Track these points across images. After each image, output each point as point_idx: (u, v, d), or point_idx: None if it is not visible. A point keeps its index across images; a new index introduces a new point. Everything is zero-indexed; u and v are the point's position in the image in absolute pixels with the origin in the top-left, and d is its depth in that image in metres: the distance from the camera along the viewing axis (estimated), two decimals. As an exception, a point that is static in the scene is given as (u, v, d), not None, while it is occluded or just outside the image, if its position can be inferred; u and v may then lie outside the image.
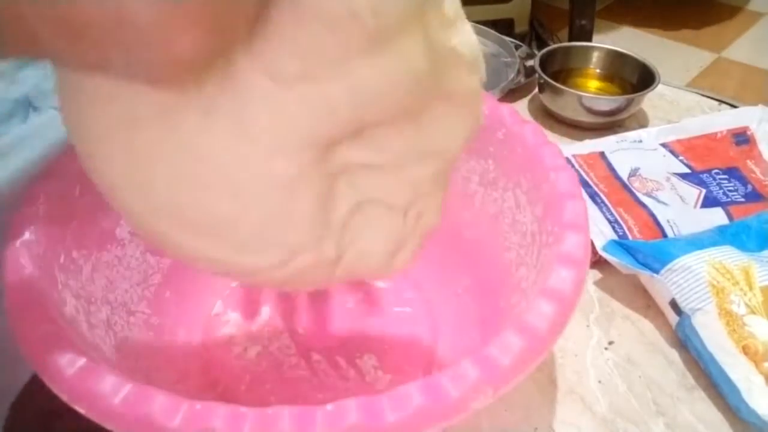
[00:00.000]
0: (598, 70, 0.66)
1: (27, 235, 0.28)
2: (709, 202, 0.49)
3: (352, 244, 0.24)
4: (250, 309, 0.42)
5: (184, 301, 0.40)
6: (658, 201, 0.49)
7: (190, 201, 0.19)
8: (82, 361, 0.23)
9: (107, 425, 0.22)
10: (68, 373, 0.22)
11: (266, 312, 0.42)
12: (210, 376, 0.38)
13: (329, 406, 0.21)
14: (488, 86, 0.56)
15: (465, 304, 0.40)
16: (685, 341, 0.40)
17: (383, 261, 0.25)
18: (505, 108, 0.37)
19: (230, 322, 0.41)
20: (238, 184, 0.19)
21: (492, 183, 0.39)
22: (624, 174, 0.51)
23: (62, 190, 0.31)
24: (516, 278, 0.34)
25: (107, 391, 0.22)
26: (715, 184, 0.51)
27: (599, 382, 0.39)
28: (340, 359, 0.39)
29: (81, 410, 0.22)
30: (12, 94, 0.34)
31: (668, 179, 0.51)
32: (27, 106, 0.34)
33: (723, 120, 0.56)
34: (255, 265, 0.22)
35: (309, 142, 0.19)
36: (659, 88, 0.60)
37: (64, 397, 0.22)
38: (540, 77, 0.61)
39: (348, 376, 0.38)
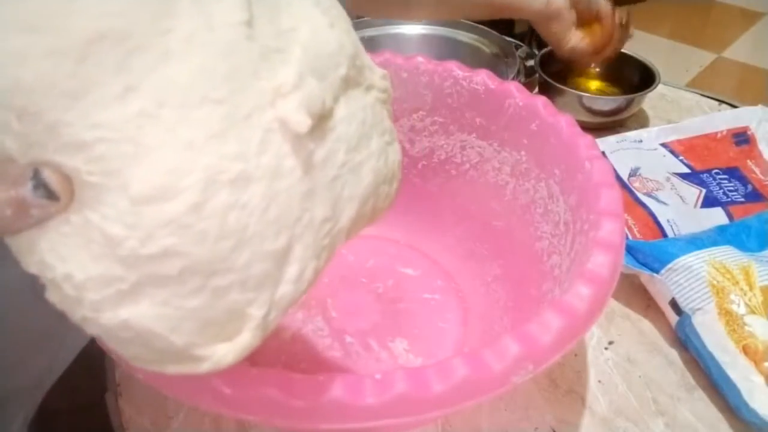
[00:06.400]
0: (598, 70, 0.66)
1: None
2: (709, 202, 0.49)
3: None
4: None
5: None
6: (658, 201, 0.49)
7: None
8: None
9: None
10: None
11: None
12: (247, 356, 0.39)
13: (378, 375, 0.22)
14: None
15: (494, 293, 0.41)
16: (685, 341, 0.40)
17: None
18: (540, 100, 0.37)
19: None
20: None
21: (524, 174, 0.39)
22: (624, 174, 0.51)
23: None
24: (548, 266, 0.35)
25: None
26: (715, 184, 0.51)
27: (599, 381, 0.38)
28: (372, 342, 0.40)
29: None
30: None
31: (668, 179, 0.51)
32: None
33: (723, 120, 0.56)
34: None
35: None
36: (659, 88, 0.60)
37: None
38: (540, 77, 0.61)
39: (380, 357, 0.39)
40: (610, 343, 0.41)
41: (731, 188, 0.50)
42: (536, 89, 0.63)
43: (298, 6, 0.21)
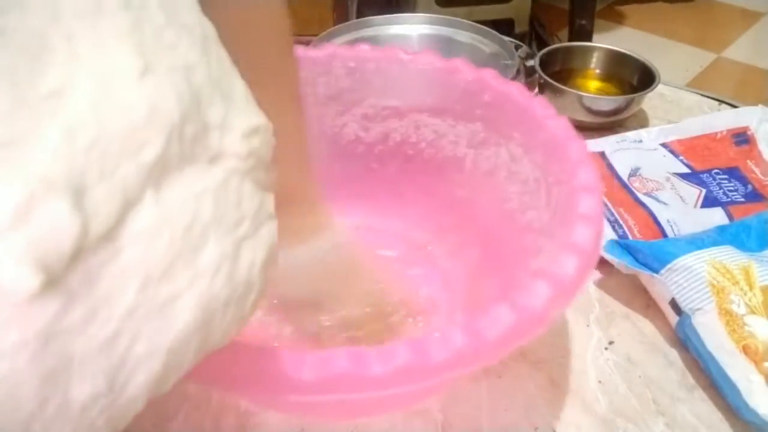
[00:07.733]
0: (598, 70, 0.66)
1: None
2: (709, 202, 0.49)
3: None
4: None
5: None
6: (658, 201, 0.49)
7: None
8: None
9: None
10: None
11: None
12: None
13: (437, 333, 0.24)
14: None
15: (471, 259, 0.42)
16: (685, 341, 0.40)
17: None
18: (488, 72, 0.39)
19: (262, 306, 0.42)
20: None
21: (482, 143, 0.41)
22: (624, 174, 0.51)
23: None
24: (524, 222, 0.36)
25: None
26: (715, 184, 0.51)
27: (599, 382, 0.38)
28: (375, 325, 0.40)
29: None
30: None
31: (668, 179, 0.51)
32: None
33: (723, 120, 0.56)
34: None
35: None
36: (659, 88, 0.60)
37: None
38: (540, 77, 0.61)
39: (384, 338, 0.40)
40: (610, 343, 0.41)
41: (731, 188, 0.50)
42: (536, 89, 0.63)
43: (86, 39, 0.12)
